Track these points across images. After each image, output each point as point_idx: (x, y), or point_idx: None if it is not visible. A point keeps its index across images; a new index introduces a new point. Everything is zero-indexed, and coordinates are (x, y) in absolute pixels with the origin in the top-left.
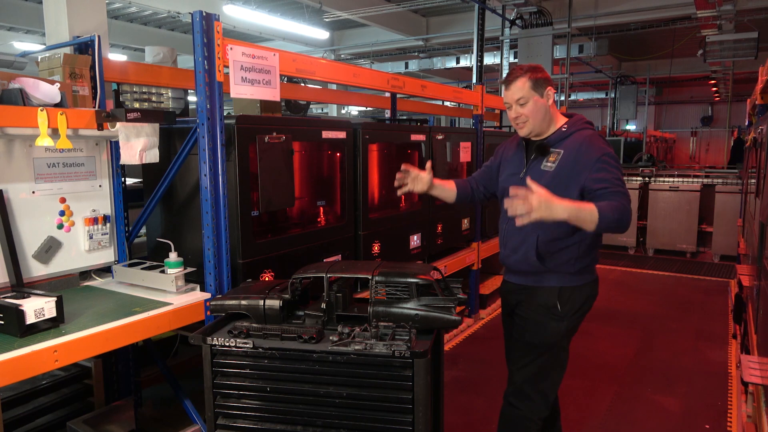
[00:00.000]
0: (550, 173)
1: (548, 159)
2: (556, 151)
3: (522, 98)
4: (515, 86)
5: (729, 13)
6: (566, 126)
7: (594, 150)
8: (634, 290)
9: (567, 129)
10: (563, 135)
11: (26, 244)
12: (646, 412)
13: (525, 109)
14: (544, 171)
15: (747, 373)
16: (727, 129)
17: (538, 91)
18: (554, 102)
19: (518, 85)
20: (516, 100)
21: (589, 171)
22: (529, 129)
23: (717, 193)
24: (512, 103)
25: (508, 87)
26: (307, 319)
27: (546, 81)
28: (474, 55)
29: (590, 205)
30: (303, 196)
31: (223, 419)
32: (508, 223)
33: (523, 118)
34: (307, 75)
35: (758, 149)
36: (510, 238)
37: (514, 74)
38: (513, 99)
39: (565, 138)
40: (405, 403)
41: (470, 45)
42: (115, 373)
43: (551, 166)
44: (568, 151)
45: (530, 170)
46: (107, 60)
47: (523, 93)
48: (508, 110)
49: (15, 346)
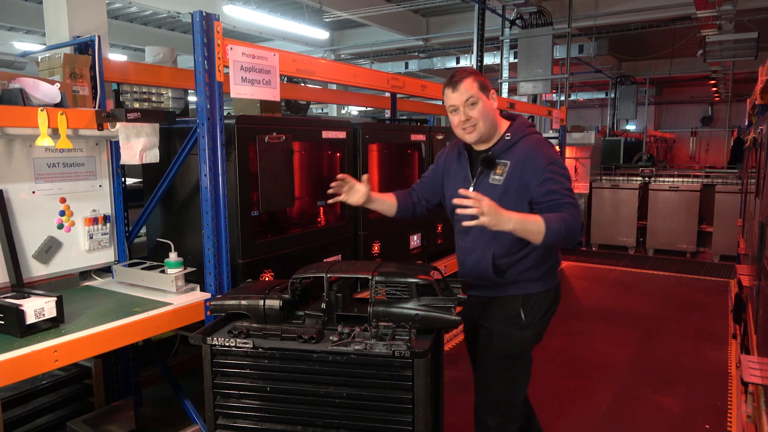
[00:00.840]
0: (500, 187)
1: (495, 172)
2: (503, 162)
3: (471, 98)
4: (463, 86)
5: (729, 13)
6: (510, 133)
7: (540, 159)
8: (634, 290)
9: (511, 137)
10: (508, 144)
11: (26, 244)
12: (646, 412)
13: (475, 112)
14: (494, 185)
15: (747, 373)
16: (727, 129)
17: (485, 93)
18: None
19: (466, 85)
20: (465, 100)
21: (536, 181)
22: (478, 134)
23: (717, 193)
24: (460, 105)
25: (456, 88)
26: (307, 319)
27: (489, 85)
28: (474, 55)
29: (537, 217)
30: (303, 196)
31: (223, 419)
32: (464, 241)
33: (473, 122)
34: (307, 75)
35: (758, 149)
36: (467, 256)
37: (460, 75)
38: (461, 100)
39: (510, 147)
40: (405, 403)
41: (470, 45)
42: (115, 373)
43: (499, 180)
44: (515, 161)
45: (479, 185)
46: (107, 60)
47: (472, 93)
48: (452, 114)
49: (15, 346)
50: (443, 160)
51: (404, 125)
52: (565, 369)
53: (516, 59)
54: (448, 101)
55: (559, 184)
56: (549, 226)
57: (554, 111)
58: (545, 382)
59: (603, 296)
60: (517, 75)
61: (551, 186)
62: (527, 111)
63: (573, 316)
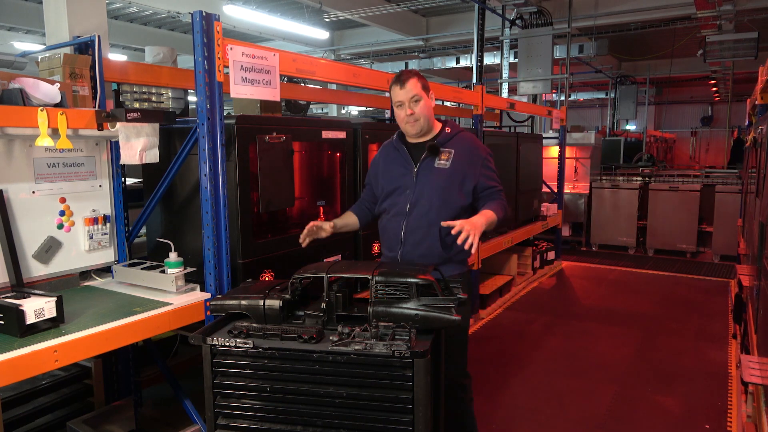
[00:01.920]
0: (447, 170)
1: (440, 158)
2: (447, 150)
3: (416, 96)
4: (410, 84)
5: (729, 13)
6: (449, 128)
7: (481, 149)
8: (634, 290)
9: (451, 131)
10: (449, 136)
11: (26, 244)
12: (646, 412)
13: (417, 108)
14: (440, 169)
15: (747, 373)
16: (727, 129)
17: (426, 92)
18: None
19: (411, 84)
20: (411, 97)
21: (481, 167)
22: (419, 126)
23: (717, 193)
24: (406, 101)
25: (404, 85)
26: (307, 319)
27: (429, 87)
28: (474, 55)
29: (491, 213)
30: (303, 196)
31: (223, 419)
32: (405, 222)
33: (416, 116)
34: (307, 75)
35: (758, 149)
36: (410, 235)
37: (406, 75)
38: (408, 97)
39: (451, 138)
40: (405, 403)
41: (470, 45)
42: (115, 373)
43: (445, 164)
44: (459, 149)
45: (423, 169)
46: (107, 60)
47: (417, 91)
48: (398, 109)
49: (15, 346)
50: (376, 159)
51: None
52: (565, 369)
53: (516, 59)
54: (396, 97)
55: (495, 173)
56: (498, 217)
57: (554, 111)
58: (545, 382)
59: (603, 296)
60: (517, 75)
61: (491, 174)
62: (527, 111)
63: (573, 316)
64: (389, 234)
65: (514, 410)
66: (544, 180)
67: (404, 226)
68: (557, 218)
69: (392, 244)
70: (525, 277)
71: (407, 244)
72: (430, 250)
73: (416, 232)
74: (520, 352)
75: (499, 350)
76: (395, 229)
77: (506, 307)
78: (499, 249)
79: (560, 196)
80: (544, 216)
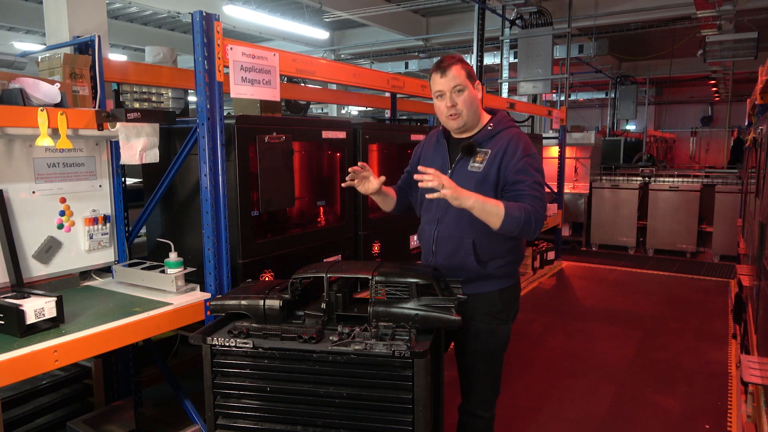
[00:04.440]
0: (479, 174)
1: (475, 159)
2: (483, 151)
3: (459, 85)
4: (452, 73)
5: (729, 13)
6: (492, 124)
7: (519, 151)
8: (635, 290)
9: (493, 127)
10: (490, 134)
11: (26, 244)
12: (646, 412)
13: (461, 99)
14: (472, 172)
15: (747, 373)
16: (727, 129)
17: (471, 81)
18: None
19: (455, 71)
20: (453, 87)
21: (511, 171)
22: (462, 121)
23: (717, 193)
24: (448, 90)
25: (445, 73)
26: (307, 319)
27: (474, 74)
28: (474, 55)
29: (498, 202)
30: (303, 196)
31: (223, 419)
32: (437, 230)
33: (459, 109)
34: (307, 75)
35: (758, 149)
36: (442, 244)
37: (449, 61)
38: (449, 86)
39: (492, 137)
40: (405, 403)
41: (470, 45)
42: (115, 373)
43: (479, 167)
44: (495, 150)
45: (456, 171)
46: (107, 60)
47: (460, 80)
48: (438, 99)
49: (15, 346)
50: (420, 150)
51: (404, 125)
52: (565, 369)
53: (516, 59)
54: (436, 86)
55: (530, 176)
56: (508, 213)
57: (554, 111)
58: (545, 382)
59: (603, 296)
60: (517, 75)
61: (522, 177)
62: (527, 111)
63: (573, 316)
64: (423, 242)
65: (514, 410)
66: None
67: (435, 236)
68: (557, 218)
69: (426, 253)
70: (525, 277)
71: (438, 255)
72: (463, 264)
73: (447, 242)
74: (520, 351)
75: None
76: (428, 238)
77: None
78: None
79: (560, 196)
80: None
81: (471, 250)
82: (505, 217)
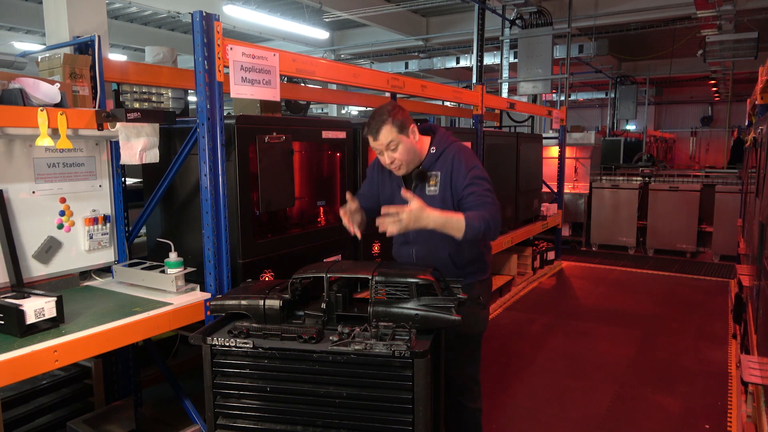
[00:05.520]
0: (437, 197)
1: (429, 183)
2: (434, 174)
3: (391, 143)
4: (381, 136)
5: (729, 13)
6: (434, 147)
7: (463, 166)
8: (634, 290)
9: (436, 150)
10: (435, 157)
11: (26, 244)
12: (646, 412)
13: (397, 153)
14: (431, 196)
15: (747, 373)
16: (727, 129)
17: (404, 132)
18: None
19: (384, 133)
20: (386, 145)
21: (461, 185)
22: (405, 168)
23: (717, 193)
24: (383, 149)
25: (377, 137)
26: (307, 319)
27: (406, 120)
28: (474, 55)
29: (459, 215)
30: (303, 196)
31: (223, 419)
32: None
33: (398, 162)
34: (307, 75)
35: (758, 149)
36: (422, 261)
37: (377, 122)
38: (383, 146)
39: (438, 158)
40: (405, 403)
41: (470, 45)
42: (115, 373)
43: (435, 190)
44: (444, 172)
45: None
46: (107, 60)
47: (391, 137)
48: (379, 155)
49: (15, 346)
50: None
51: None
52: (565, 369)
53: (516, 59)
54: (372, 145)
55: (479, 186)
56: (469, 223)
57: (554, 111)
58: (545, 382)
59: (603, 296)
60: (517, 75)
61: (472, 189)
62: (527, 111)
63: (573, 316)
64: (403, 260)
65: (514, 410)
66: (544, 180)
67: (414, 254)
68: (557, 218)
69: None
70: (525, 277)
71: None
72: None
73: (427, 258)
74: (520, 352)
75: (499, 350)
76: (407, 257)
77: (506, 307)
78: (499, 249)
79: (560, 196)
80: (544, 216)
81: (449, 262)
82: (467, 228)
